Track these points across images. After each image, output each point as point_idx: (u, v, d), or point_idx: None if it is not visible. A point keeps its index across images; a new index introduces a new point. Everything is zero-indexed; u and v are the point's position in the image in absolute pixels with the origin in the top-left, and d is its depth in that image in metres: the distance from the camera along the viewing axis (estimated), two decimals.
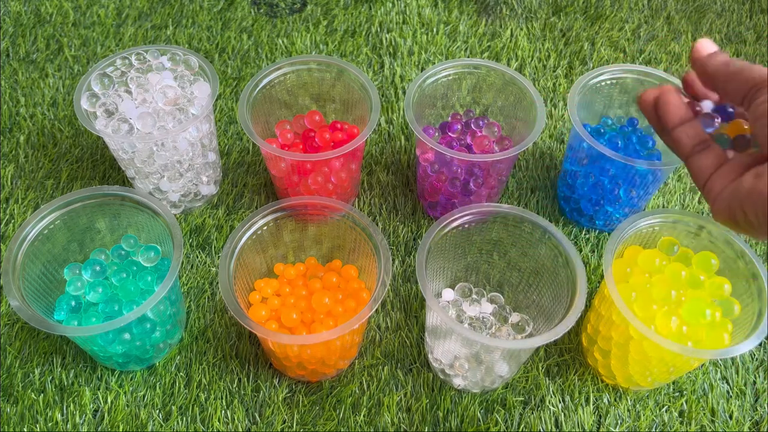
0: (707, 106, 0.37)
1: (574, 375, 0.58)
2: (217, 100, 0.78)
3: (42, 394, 0.55)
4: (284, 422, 0.55)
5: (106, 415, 0.55)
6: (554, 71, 0.84)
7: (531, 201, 0.71)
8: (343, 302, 0.55)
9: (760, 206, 0.31)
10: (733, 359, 0.59)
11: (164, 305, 0.53)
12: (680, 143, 0.36)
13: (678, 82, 0.65)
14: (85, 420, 0.54)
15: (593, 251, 0.67)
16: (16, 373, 0.56)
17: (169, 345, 0.58)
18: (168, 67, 0.65)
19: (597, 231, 0.68)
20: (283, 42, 0.85)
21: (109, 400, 0.55)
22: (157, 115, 0.61)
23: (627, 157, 0.59)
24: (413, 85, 0.63)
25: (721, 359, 0.59)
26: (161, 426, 0.54)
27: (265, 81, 0.64)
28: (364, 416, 0.55)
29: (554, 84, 0.82)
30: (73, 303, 0.54)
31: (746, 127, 0.36)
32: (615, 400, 0.57)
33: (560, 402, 0.57)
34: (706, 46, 0.36)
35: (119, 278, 0.56)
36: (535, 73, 0.83)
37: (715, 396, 0.57)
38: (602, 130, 0.68)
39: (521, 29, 0.89)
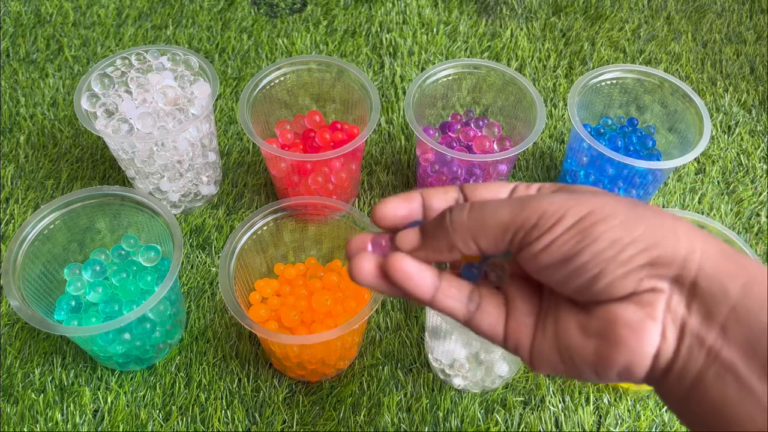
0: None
1: None
2: (217, 100, 0.78)
3: (42, 394, 0.55)
4: (284, 422, 0.55)
5: (106, 415, 0.55)
6: (554, 71, 0.84)
7: None
8: (343, 302, 0.55)
9: (621, 369, 0.25)
10: None
11: (164, 305, 0.53)
12: (451, 311, 0.29)
13: (677, 81, 0.65)
14: (85, 420, 0.54)
15: None
16: (16, 373, 0.56)
17: (169, 345, 0.58)
18: (168, 67, 0.65)
19: None
20: (283, 42, 0.85)
21: (109, 400, 0.55)
22: (157, 115, 0.61)
23: (627, 157, 0.59)
24: (413, 85, 0.63)
25: None
26: (161, 426, 0.54)
27: (265, 81, 0.64)
28: (364, 416, 0.55)
29: (554, 84, 0.82)
30: (73, 303, 0.54)
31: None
32: (615, 400, 0.57)
33: (560, 402, 0.57)
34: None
35: (119, 278, 0.56)
36: (535, 73, 0.84)
37: None
38: (602, 130, 0.68)
39: (521, 29, 0.89)
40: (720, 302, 0.24)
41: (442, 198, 0.31)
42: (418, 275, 0.28)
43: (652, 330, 0.25)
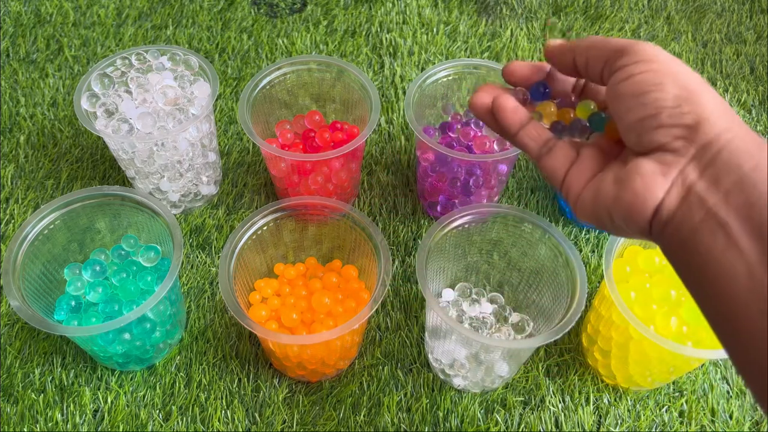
0: (538, 117, 0.37)
1: (574, 375, 0.58)
2: (217, 100, 0.78)
3: (42, 394, 0.55)
4: (284, 422, 0.55)
5: (106, 415, 0.55)
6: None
7: (531, 201, 0.71)
8: (343, 302, 0.55)
9: (626, 213, 0.30)
10: None
11: (164, 305, 0.53)
12: (527, 147, 0.35)
13: None
14: (85, 420, 0.54)
15: (593, 251, 0.67)
16: (16, 373, 0.56)
17: (169, 345, 0.58)
18: (168, 67, 0.65)
19: (597, 231, 0.68)
20: (283, 42, 0.85)
21: (109, 400, 0.55)
22: (157, 115, 0.61)
23: None
24: (413, 85, 0.63)
25: (721, 359, 0.59)
26: (161, 426, 0.54)
27: (265, 81, 0.64)
28: (364, 416, 0.55)
29: None
30: (73, 303, 0.54)
31: (572, 115, 0.36)
32: (615, 400, 0.57)
33: (560, 402, 0.57)
34: (556, 42, 0.36)
35: (119, 278, 0.56)
36: None
37: (715, 396, 0.57)
38: None
39: (521, 29, 0.89)
40: (731, 173, 0.28)
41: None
42: (512, 112, 0.35)
43: (659, 184, 0.29)
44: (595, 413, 0.56)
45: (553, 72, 0.37)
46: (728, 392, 0.58)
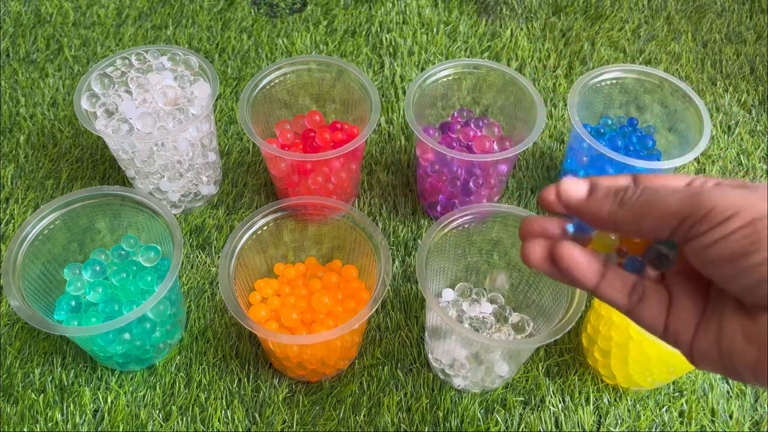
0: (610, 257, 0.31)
1: (574, 375, 0.58)
2: (217, 100, 0.78)
3: (42, 394, 0.55)
4: (284, 422, 0.55)
5: (106, 415, 0.55)
6: (554, 71, 0.84)
7: (531, 201, 0.71)
8: (343, 302, 0.55)
9: (759, 372, 0.26)
10: None
11: (164, 305, 0.53)
12: (613, 301, 0.30)
13: (677, 81, 0.65)
14: (85, 420, 0.54)
15: None
16: (16, 373, 0.56)
17: (169, 345, 0.58)
18: (168, 67, 0.65)
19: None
20: (283, 42, 0.85)
21: (109, 400, 0.55)
22: (157, 115, 0.61)
23: (627, 157, 0.59)
24: (413, 85, 0.63)
25: None
26: (161, 426, 0.54)
27: (265, 81, 0.64)
28: (364, 416, 0.55)
29: (554, 84, 0.82)
30: (73, 303, 0.54)
31: (636, 240, 0.31)
32: (615, 400, 0.57)
33: (560, 402, 0.57)
34: (573, 188, 0.30)
35: (119, 278, 0.56)
36: (535, 73, 0.83)
37: (715, 396, 0.57)
38: (602, 130, 0.68)
39: (521, 29, 0.89)
40: None
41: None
42: (585, 264, 0.30)
43: None
44: (595, 413, 0.56)
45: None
46: (728, 392, 0.58)
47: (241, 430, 0.54)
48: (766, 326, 0.25)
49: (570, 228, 0.32)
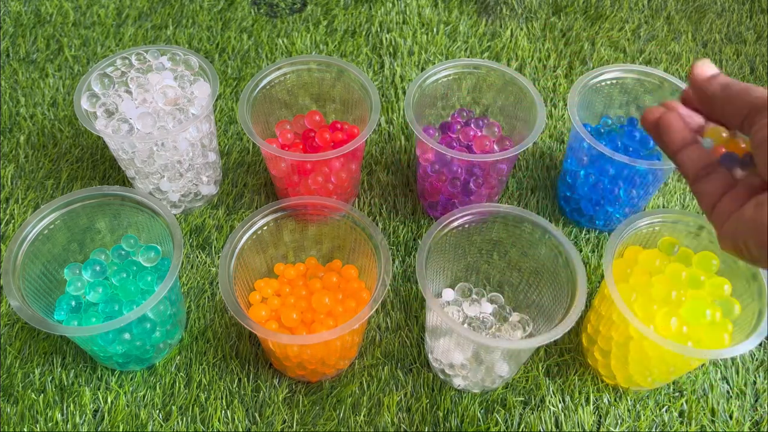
0: (708, 143, 0.36)
1: (574, 375, 0.58)
2: (217, 100, 0.78)
3: (42, 394, 0.55)
4: (284, 422, 0.55)
5: (106, 415, 0.55)
6: (554, 71, 0.84)
7: (531, 201, 0.71)
8: (343, 302, 0.55)
9: (760, 237, 0.30)
10: (733, 359, 0.59)
11: (164, 305, 0.53)
12: (684, 167, 0.34)
13: (677, 81, 0.65)
14: (85, 420, 0.54)
15: (593, 251, 0.67)
16: (16, 373, 0.56)
17: (169, 345, 0.58)
18: (168, 67, 0.65)
19: (597, 231, 0.68)
20: (283, 42, 0.85)
21: (109, 400, 0.55)
22: (157, 115, 0.61)
23: (627, 157, 0.59)
24: (413, 85, 0.63)
25: (721, 359, 0.59)
26: (161, 426, 0.54)
27: (265, 81, 0.64)
28: (364, 416, 0.55)
29: (554, 84, 0.82)
30: (73, 303, 0.54)
31: (743, 146, 0.35)
32: (615, 400, 0.57)
33: (560, 402, 0.57)
34: (706, 68, 0.35)
35: (119, 278, 0.56)
36: (535, 73, 0.84)
37: (715, 396, 0.57)
38: (602, 130, 0.68)
39: (521, 29, 0.89)
40: None
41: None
42: (677, 129, 0.35)
43: None
44: (595, 413, 0.56)
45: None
46: (728, 392, 0.58)
47: (241, 430, 0.54)
48: None
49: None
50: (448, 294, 0.60)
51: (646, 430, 0.55)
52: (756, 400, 0.57)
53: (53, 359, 0.57)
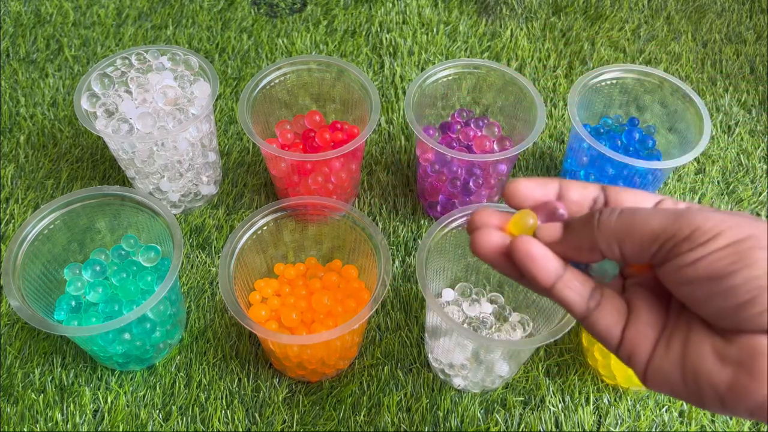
0: (606, 270, 0.29)
1: (574, 375, 0.58)
2: (217, 100, 0.78)
3: (42, 394, 0.55)
4: (284, 422, 0.55)
5: (106, 415, 0.55)
6: (554, 71, 0.84)
7: None
8: (343, 302, 0.55)
9: (754, 403, 0.24)
10: None
11: (164, 305, 0.53)
12: (568, 302, 0.28)
13: (677, 81, 0.65)
14: (85, 420, 0.54)
15: None
16: (16, 373, 0.56)
17: (169, 345, 0.58)
18: (168, 67, 0.65)
19: None
20: (283, 42, 0.85)
21: (109, 400, 0.55)
22: (157, 115, 0.61)
23: (627, 157, 0.59)
24: (413, 85, 0.63)
25: None
26: (161, 426, 0.54)
27: (265, 81, 0.64)
28: (364, 416, 0.55)
29: (554, 84, 0.82)
30: (73, 303, 0.54)
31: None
32: (615, 400, 0.57)
33: (560, 402, 0.57)
34: (549, 233, 0.29)
35: (119, 278, 0.56)
36: (535, 73, 0.84)
37: None
38: (602, 130, 0.68)
39: (521, 29, 0.89)
40: None
41: (580, 191, 0.30)
42: (543, 259, 0.28)
43: None
44: (595, 413, 0.56)
45: (564, 194, 0.31)
46: None
47: (241, 430, 0.54)
48: (743, 348, 0.24)
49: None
50: (448, 294, 0.60)
51: (646, 430, 0.55)
52: None
53: (53, 359, 0.57)
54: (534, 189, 0.30)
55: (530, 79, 0.80)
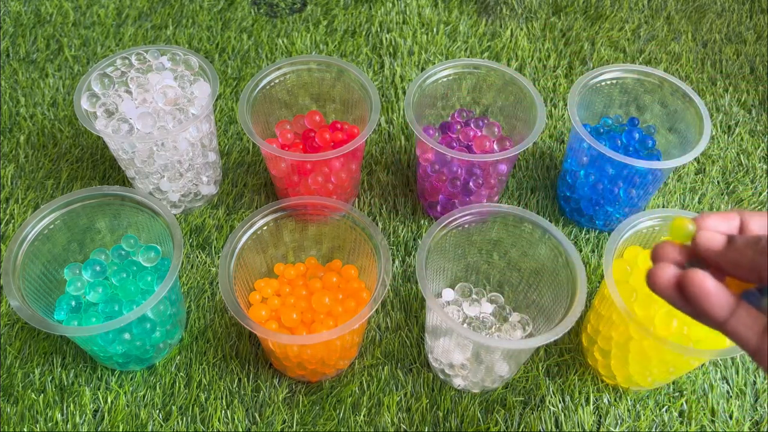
0: (759, 297, 0.30)
1: (574, 375, 0.58)
2: (217, 100, 0.78)
3: (42, 394, 0.55)
4: (284, 422, 0.55)
5: (106, 415, 0.55)
6: (554, 71, 0.84)
7: (531, 201, 0.71)
8: (343, 302, 0.55)
9: None
10: (733, 359, 0.59)
11: (164, 305, 0.53)
12: (743, 339, 0.28)
13: (677, 81, 0.65)
14: (85, 420, 0.54)
15: (593, 251, 0.67)
16: (16, 373, 0.56)
17: (169, 345, 0.58)
18: (168, 67, 0.65)
19: (597, 231, 0.68)
20: (283, 42, 0.85)
21: (109, 400, 0.55)
22: (157, 115, 0.61)
23: (627, 157, 0.59)
24: (413, 85, 0.63)
25: (721, 359, 0.59)
26: (161, 426, 0.54)
27: (265, 81, 0.64)
28: (364, 416, 0.55)
29: (554, 84, 0.82)
30: (73, 303, 0.54)
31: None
32: (615, 400, 0.57)
33: (560, 402, 0.57)
34: (711, 241, 0.29)
35: (119, 278, 0.56)
36: (535, 73, 0.83)
37: (715, 396, 0.57)
38: (602, 130, 0.68)
39: (521, 29, 0.89)
40: None
41: (760, 222, 0.31)
42: (716, 294, 0.28)
43: None
44: (595, 413, 0.56)
45: (746, 226, 0.31)
46: (728, 392, 0.57)
47: (241, 430, 0.54)
48: None
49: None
50: (448, 294, 0.60)
51: (646, 430, 0.55)
52: (756, 400, 0.57)
53: (53, 359, 0.57)
54: (719, 224, 0.31)
55: (530, 79, 0.80)
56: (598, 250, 0.67)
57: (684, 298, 0.29)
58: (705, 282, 0.28)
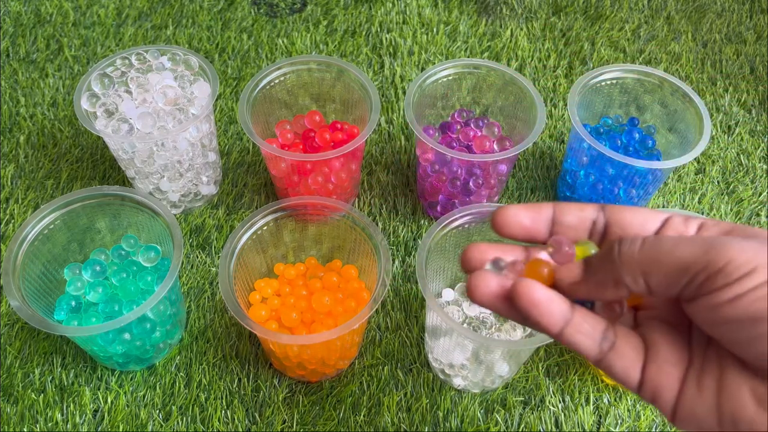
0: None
1: (574, 375, 0.58)
2: (217, 100, 0.78)
3: (42, 394, 0.55)
4: (284, 422, 0.55)
5: (106, 415, 0.55)
6: (554, 71, 0.84)
7: (531, 201, 0.71)
8: (343, 302, 0.55)
9: None
10: None
11: (164, 305, 0.53)
12: (580, 346, 0.26)
13: (677, 81, 0.65)
14: (85, 420, 0.54)
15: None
16: (16, 373, 0.56)
17: (169, 345, 0.58)
18: (168, 67, 0.65)
19: None
20: (283, 42, 0.85)
21: (109, 400, 0.55)
22: (157, 115, 0.61)
23: (627, 157, 0.59)
24: (413, 85, 0.63)
25: None
26: (161, 426, 0.54)
27: (265, 81, 0.64)
28: (364, 416, 0.55)
29: (554, 84, 0.82)
30: (73, 303, 0.54)
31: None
32: (615, 400, 0.57)
33: (560, 402, 0.57)
34: (568, 274, 0.26)
35: (119, 278, 0.56)
36: (535, 73, 0.84)
37: None
38: (602, 130, 0.68)
39: (521, 29, 0.89)
40: None
41: (576, 214, 0.28)
42: (547, 304, 0.25)
43: None
44: (595, 413, 0.56)
45: (559, 218, 0.28)
46: None
47: (241, 430, 0.54)
48: None
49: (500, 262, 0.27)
50: (448, 294, 0.60)
51: (646, 430, 0.55)
52: None
53: (53, 359, 0.57)
54: (524, 216, 0.28)
55: (530, 79, 0.80)
56: None
57: (513, 309, 0.26)
58: (534, 292, 0.25)
